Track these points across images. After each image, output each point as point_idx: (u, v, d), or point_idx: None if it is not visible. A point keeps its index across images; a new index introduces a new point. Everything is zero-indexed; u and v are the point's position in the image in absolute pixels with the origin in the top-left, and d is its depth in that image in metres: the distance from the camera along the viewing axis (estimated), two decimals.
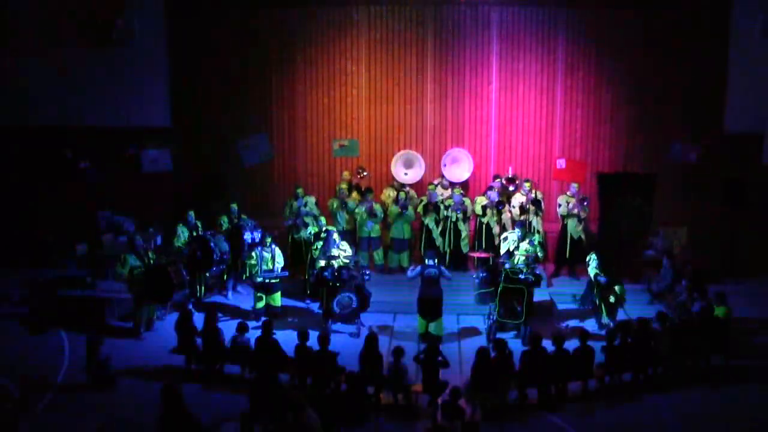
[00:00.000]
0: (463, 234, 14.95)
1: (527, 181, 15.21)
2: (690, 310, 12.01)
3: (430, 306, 12.02)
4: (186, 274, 12.75)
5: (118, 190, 15.81)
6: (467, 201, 15.14)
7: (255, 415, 9.33)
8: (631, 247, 14.45)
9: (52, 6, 15.56)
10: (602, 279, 12.50)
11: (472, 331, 12.55)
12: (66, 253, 14.62)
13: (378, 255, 15.24)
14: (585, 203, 14.62)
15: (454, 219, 14.87)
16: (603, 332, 11.92)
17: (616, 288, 12.50)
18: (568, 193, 14.90)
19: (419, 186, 15.87)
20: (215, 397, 10.31)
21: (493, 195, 15.00)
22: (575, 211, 14.61)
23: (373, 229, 14.98)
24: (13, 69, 15.71)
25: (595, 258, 12.73)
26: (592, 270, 12.73)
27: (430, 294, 12.04)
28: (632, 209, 14.15)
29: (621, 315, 12.84)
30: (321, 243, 13.21)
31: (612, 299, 12.45)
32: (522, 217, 14.46)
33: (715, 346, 11.33)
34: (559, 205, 14.83)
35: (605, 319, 12.49)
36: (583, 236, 14.71)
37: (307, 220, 14.38)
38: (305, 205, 14.64)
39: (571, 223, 14.70)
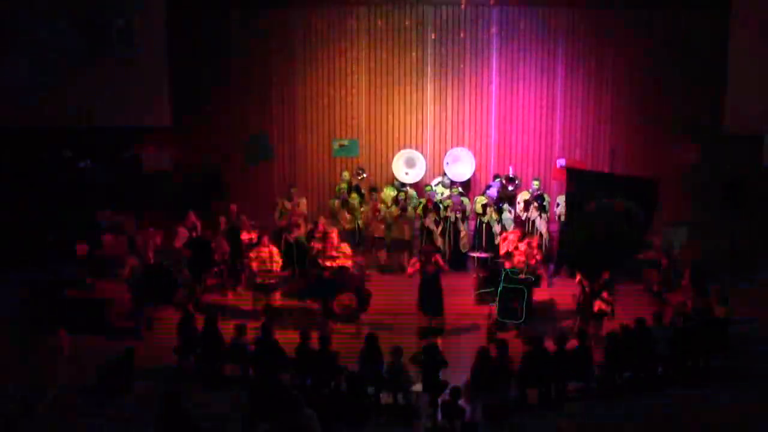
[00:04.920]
0: (462, 233, 14.95)
1: (536, 180, 15.17)
2: (689, 310, 12.00)
3: (432, 302, 12.15)
4: (188, 273, 12.75)
5: (118, 190, 15.82)
6: (466, 201, 15.13)
7: (255, 415, 9.33)
8: (619, 258, 12.12)
9: (52, 6, 15.57)
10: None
11: (472, 331, 12.54)
12: (66, 253, 14.61)
13: (380, 255, 15.23)
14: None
15: (453, 219, 14.86)
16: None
17: (600, 300, 12.29)
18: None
19: (420, 186, 15.87)
20: (215, 397, 10.30)
21: (493, 193, 14.99)
22: None
23: (378, 229, 14.98)
24: (13, 69, 15.72)
25: None
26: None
27: (431, 291, 12.15)
28: (613, 215, 11.45)
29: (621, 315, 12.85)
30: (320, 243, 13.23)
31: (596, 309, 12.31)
32: (524, 215, 14.45)
33: (715, 346, 11.33)
34: (558, 205, 14.84)
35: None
36: None
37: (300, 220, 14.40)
38: (298, 206, 14.65)
39: None
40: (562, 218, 14.67)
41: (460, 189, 15.40)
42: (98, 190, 15.60)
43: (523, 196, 14.99)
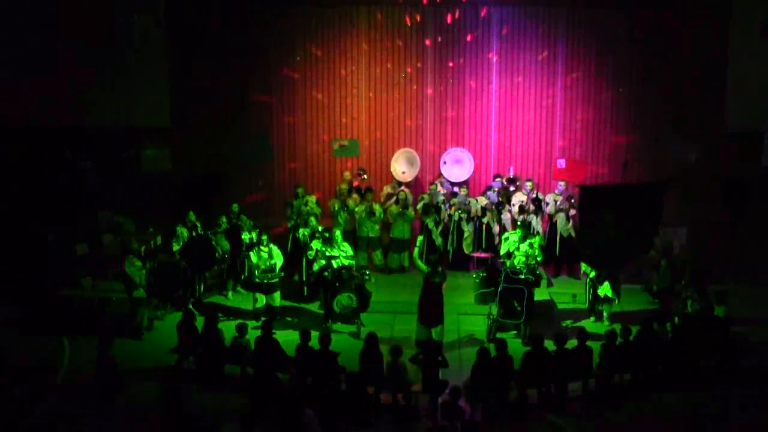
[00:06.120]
0: (466, 234, 14.93)
1: (529, 181, 15.23)
2: (689, 310, 12.01)
3: (433, 312, 11.75)
4: (190, 272, 12.79)
5: (118, 190, 15.82)
6: (473, 201, 15.11)
7: (255, 415, 9.33)
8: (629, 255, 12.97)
9: (52, 6, 15.57)
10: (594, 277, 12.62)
11: (472, 332, 12.54)
12: (66, 253, 14.60)
13: (377, 255, 15.22)
14: (572, 200, 14.64)
15: (456, 219, 14.84)
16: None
17: (606, 285, 12.50)
18: (556, 191, 14.96)
19: (416, 185, 15.88)
20: (215, 397, 10.31)
21: (493, 195, 15.00)
22: (563, 207, 14.62)
23: (372, 229, 14.96)
24: (13, 69, 15.72)
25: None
26: (583, 267, 12.91)
27: (432, 300, 11.77)
28: (625, 221, 12.28)
29: (621, 314, 12.89)
30: (317, 244, 13.21)
31: (602, 294, 12.51)
32: (521, 217, 14.46)
33: (715, 346, 11.33)
34: (547, 204, 14.86)
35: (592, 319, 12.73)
36: (573, 233, 14.72)
37: (311, 220, 14.36)
38: (306, 204, 14.65)
39: (560, 221, 14.71)
40: (554, 219, 14.74)
41: (466, 189, 15.36)
42: (98, 190, 15.60)
43: (517, 198, 15.00)
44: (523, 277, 12.04)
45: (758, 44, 15.22)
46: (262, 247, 13.02)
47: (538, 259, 12.86)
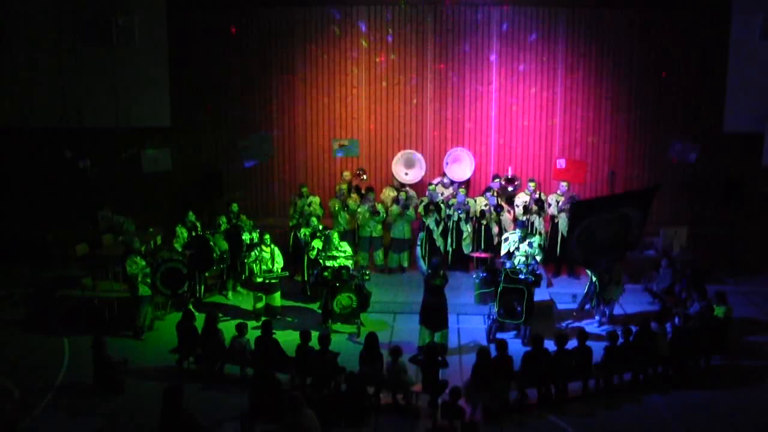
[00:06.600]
0: (465, 234, 14.92)
1: (531, 180, 15.21)
2: (689, 310, 12.02)
3: (436, 315, 11.61)
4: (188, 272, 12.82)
5: (118, 190, 15.84)
6: (471, 201, 15.10)
7: (255, 415, 9.32)
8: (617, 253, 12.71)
9: (52, 6, 15.57)
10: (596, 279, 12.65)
11: (472, 332, 12.54)
12: (66, 253, 14.62)
13: (378, 255, 15.21)
14: (574, 201, 14.63)
15: (456, 219, 14.83)
16: (602, 331, 12.03)
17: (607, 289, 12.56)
18: (558, 192, 14.95)
19: (420, 187, 15.87)
20: (215, 397, 10.31)
21: (492, 198, 14.97)
22: (565, 207, 14.62)
23: (375, 229, 14.95)
24: (13, 69, 15.72)
25: None
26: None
27: (436, 303, 11.62)
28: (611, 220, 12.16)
29: (621, 314, 12.90)
30: (318, 244, 13.22)
31: (607, 298, 12.57)
32: (524, 217, 14.46)
33: (715, 346, 11.33)
34: (549, 205, 14.85)
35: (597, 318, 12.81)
36: None
37: (312, 220, 14.39)
38: (309, 204, 14.65)
39: (562, 222, 14.70)
40: (555, 220, 14.73)
41: (465, 189, 15.35)
42: (98, 190, 15.62)
43: (521, 198, 15.00)
44: (523, 277, 12.04)
45: (758, 45, 15.22)
46: (263, 247, 13.02)
47: (538, 258, 12.87)
